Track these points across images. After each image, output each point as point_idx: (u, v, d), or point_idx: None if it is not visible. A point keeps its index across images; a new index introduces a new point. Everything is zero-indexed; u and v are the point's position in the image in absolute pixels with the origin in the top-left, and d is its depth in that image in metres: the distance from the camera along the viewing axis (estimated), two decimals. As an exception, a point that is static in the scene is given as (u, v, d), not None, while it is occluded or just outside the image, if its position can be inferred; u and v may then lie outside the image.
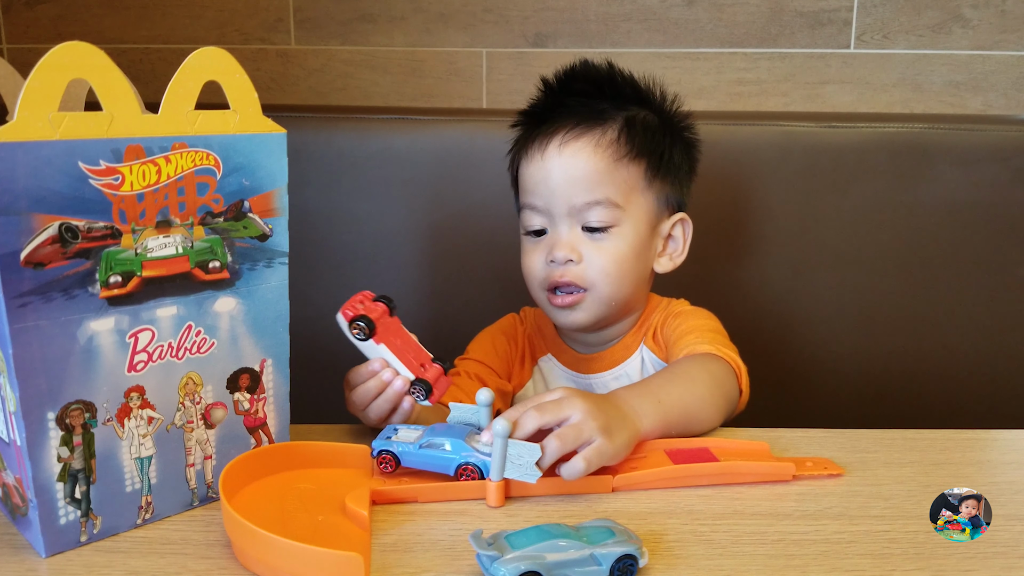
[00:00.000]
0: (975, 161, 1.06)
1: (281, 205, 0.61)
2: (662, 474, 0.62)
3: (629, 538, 0.51)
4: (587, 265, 0.80)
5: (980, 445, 0.71)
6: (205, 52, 0.55)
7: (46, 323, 0.51)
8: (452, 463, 0.61)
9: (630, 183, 0.81)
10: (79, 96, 0.59)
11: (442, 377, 0.70)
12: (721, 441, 0.68)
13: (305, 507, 0.58)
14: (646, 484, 0.62)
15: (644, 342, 0.87)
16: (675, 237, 0.86)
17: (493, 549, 0.50)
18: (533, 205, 0.83)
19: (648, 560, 0.52)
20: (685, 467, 0.63)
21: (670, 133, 0.85)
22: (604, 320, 0.85)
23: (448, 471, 0.61)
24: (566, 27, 1.26)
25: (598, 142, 0.81)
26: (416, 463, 0.61)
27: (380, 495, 0.60)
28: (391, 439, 0.62)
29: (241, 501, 0.57)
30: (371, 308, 0.69)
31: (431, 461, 0.61)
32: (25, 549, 0.55)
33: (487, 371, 0.89)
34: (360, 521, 0.56)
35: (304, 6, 1.29)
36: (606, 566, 0.50)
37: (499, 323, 0.95)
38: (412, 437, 0.62)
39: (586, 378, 0.88)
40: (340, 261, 1.12)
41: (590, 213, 0.80)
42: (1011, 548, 0.55)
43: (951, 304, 1.09)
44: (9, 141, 0.47)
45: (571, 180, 0.80)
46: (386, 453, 0.61)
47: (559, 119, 0.82)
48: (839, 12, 1.22)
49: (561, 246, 0.81)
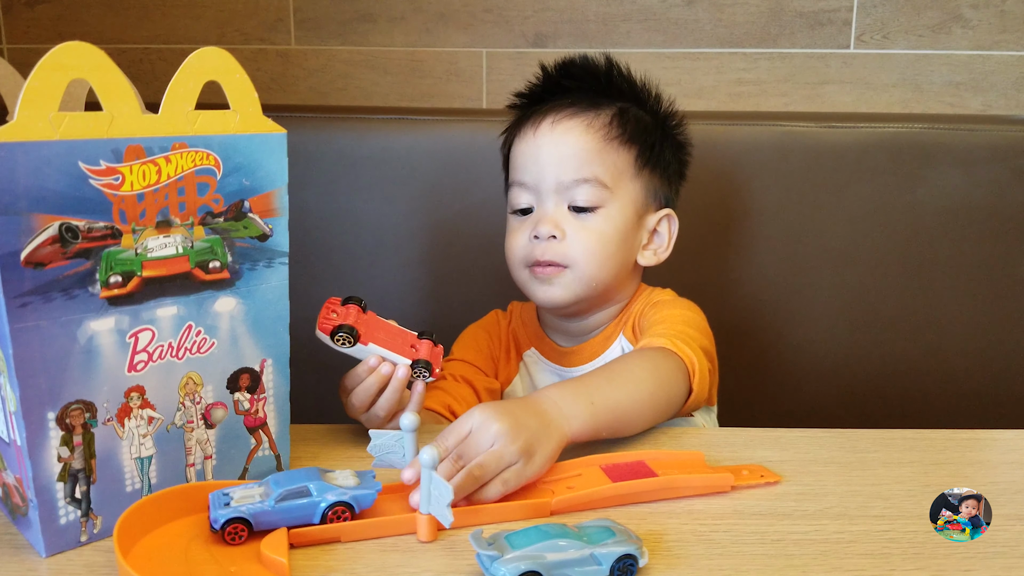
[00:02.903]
0: (975, 161, 1.06)
1: (281, 205, 0.61)
2: (601, 493, 0.60)
3: (629, 538, 0.51)
4: (570, 243, 0.80)
5: (980, 445, 0.71)
6: (205, 52, 0.55)
7: (46, 323, 0.51)
8: (318, 508, 0.55)
9: (619, 167, 0.82)
10: (79, 96, 0.59)
11: (433, 349, 0.71)
12: (655, 453, 0.65)
13: (213, 557, 0.52)
14: (585, 505, 0.60)
15: (623, 332, 0.86)
16: (660, 232, 0.86)
17: (493, 549, 0.50)
18: (521, 182, 0.83)
19: (648, 560, 0.52)
20: (624, 484, 0.61)
21: (661, 130, 0.86)
22: (583, 303, 0.84)
23: (313, 520, 0.55)
24: (566, 27, 1.26)
25: (590, 123, 0.81)
26: (274, 521, 0.54)
27: (299, 537, 0.54)
28: (230, 505, 0.54)
29: (139, 555, 0.52)
30: (345, 314, 0.69)
31: (293, 514, 0.54)
32: (25, 549, 0.55)
33: (472, 370, 0.89)
34: (279, 570, 0.51)
35: (304, 6, 1.29)
36: (606, 566, 0.50)
37: (481, 320, 0.95)
38: (256, 495, 0.55)
39: (568, 371, 0.88)
40: (340, 261, 1.12)
41: (577, 191, 0.80)
42: (1011, 548, 0.55)
43: (951, 304, 1.09)
44: (9, 141, 0.47)
45: (561, 157, 0.81)
46: (236, 522, 0.53)
47: (553, 100, 0.83)
48: (839, 12, 1.22)
49: (545, 222, 0.81)
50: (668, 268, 0.89)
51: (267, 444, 0.64)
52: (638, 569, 0.51)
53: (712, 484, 0.62)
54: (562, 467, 0.64)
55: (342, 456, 0.69)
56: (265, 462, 0.64)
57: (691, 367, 0.74)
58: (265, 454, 0.64)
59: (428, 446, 0.54)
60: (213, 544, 0.54)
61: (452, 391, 0.85)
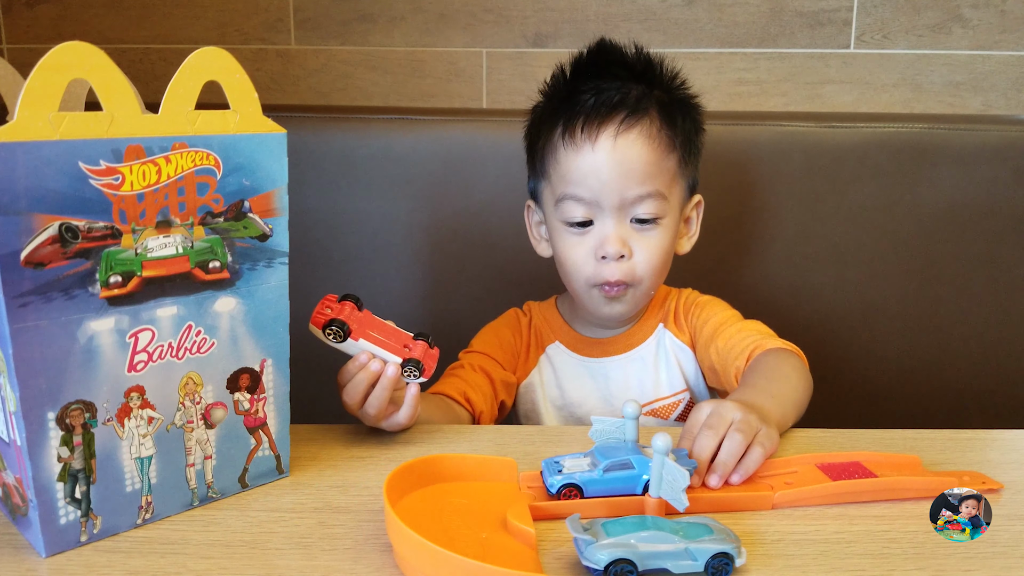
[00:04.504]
0: (975, 161, 1.06)
1: (281, 205, 0.61)
2: (822, 491, 0.60)
3: (727, 536, 0.51)
4: (636, 261, 0.81)
5: (980, 445, 0.71)
6: (205, 52, 0.55)
7: (46, 323, 0.51)
8: (639, 481, 0.58)
9: (671, 172, 0.82)
10: (79, 96, 0.59)
11: (428, 351, 0.70)
12: (869, 455, 0.66)
13: (465, 522, 0.56)
14: (805, 501, 0.60)
15: (664, 325, 0.88)
16: (691, 218, 0.88)
17: (589, 534, 0.51)
18: (578, 196, 0.81)
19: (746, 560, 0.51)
20: (844, 483, 0.61)
21: (690, 117, 0.85)
22: (639, 309, 0.87)
23: (636, 491, 0.58)
24: (566, 27, 1.26)
25: (649, 133, 0.80)
26: (602, 490, 0.58)
27: (539, 511, 0.58)
28: (563, 472, 0.59)
29: (402, 510, 0.56)
30: (338, 309, 0.69)
31: (618, 484, 0.58)
32: (25, 549, 0.55)
33: (492, 363, 0.89)
34: (526, 539, 0.53)
35: (304, 6, 1.29)
36: (701, 562, 0.50)
37: (502, 317, 0.95)
38: (585, 464, 0.60)
39: (598, 362, 0.89)
40: (340, 261, 1.12)
41: (641, 206, 0.80)
42: (1011, 548, 0.55)
43: (951, 304, 1.09)
44: (9, 141, 0.47)
45: (625, 173, 0.79)
46: (570, 486, 0.58)
47: (603, 107, 0.80)
48: (839, 12, 1.22)
49: (612, 241, 0.80)
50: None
51: (267, 444, 0.64)
52: (734, 569, 0.51)
53: (934, 488, 0.59)
54: (777, 463, 0.64)
55: (342, 456, 0.69)
56: (265, 462, 0.64)
57: (804, 360, 0.77)
58: (265, 454, 0.64)
59: (661, 432, 0.55)
60: (463, 509, 0.58)
61: (469, 379, 0.86)
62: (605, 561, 0.49)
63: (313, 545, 0.55)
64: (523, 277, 1.00)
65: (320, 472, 0.66)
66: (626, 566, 0.49)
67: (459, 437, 0.73)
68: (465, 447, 0.71)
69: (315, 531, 0.57)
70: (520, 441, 0.71)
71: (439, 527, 0.55)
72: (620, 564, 0.49)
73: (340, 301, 0.70)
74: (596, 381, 0.89)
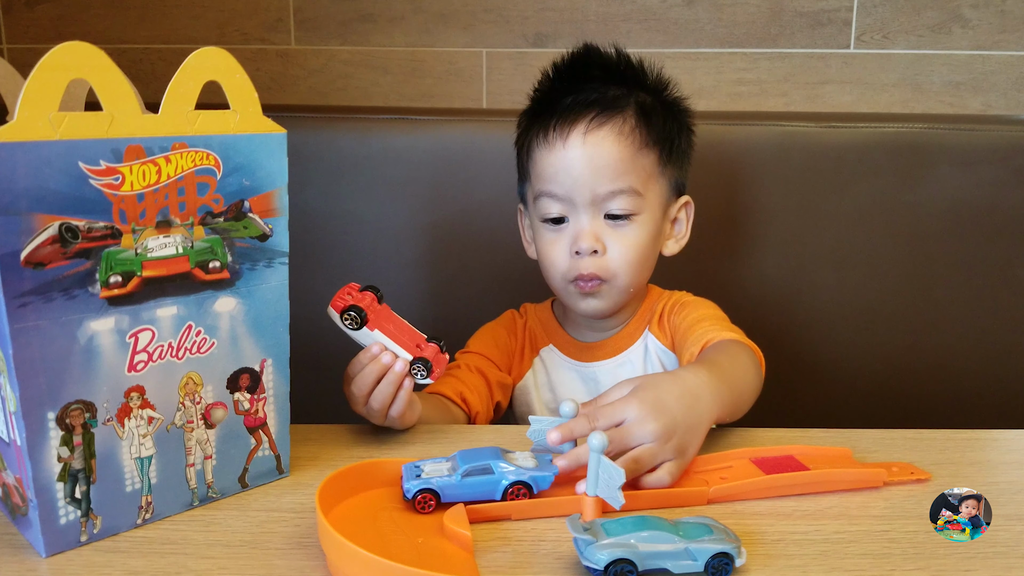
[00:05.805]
0: (975, 161, 1.05)
1: (281, 205, 0.61)
2: (756, 485, 0.61)
3: (727, 536, 0.51)
4: (610, 256, 0.81)
5: (980, 445, 0.71)
6: (205, 52, 0.55)
7: (46, 323, 0.51)
8: (499, 486, 0.59)
9: (648, 170, 0.82)
10: (79, 96, 0.59)
11: (439, 354, 0.71)
12: (803, 448, 0.67)
13: (400, 528, 0.56)
14: (740, 495, 0.62)
15: (649, 329, 0.88)
16: (680, 220, 0.88)
17: (589, 534, 0.51)
18: (552, 193, 0.82)
19: (746, 560, 0.51)
20: (777, 477, 0.62)
21: (675, 119, 0.86)
22: (619, 306, 0.86)
23: (495, 496, 0.59)
24: (566, 27, 1.26)
25: (620, 130, 0.80)
26: (459, 495, 0.58)
27: (477, 513, 0.58)
28: (421, 476, 0.59)
29: (336, 518, 0.55)
30: (359, 298, 0.70)
31: (477, 489, 0.58)
32: (25, 549, 0.55)
33: (488, 364, 0.90)
34: (462, 542, 0.54)
35: (304, 6, 1.29)
36: (701, 562, 0.50)
37: (499, 319, 0.95)
38: (444, 469, 0.59)
39: (589, 366, 0.89)
40: (340, 261, 1.12)
41: (613, 202, 0.80)
42: (1011, 548, 0.55)
43: (951, 304, 1.09)
44: (9, 141, 0.47)
45: (596, 169, 0.80)
46: (425, 492, 0.58)
47: (577, 106, 0.81)
48: (839, 12, 1.22)
49: (585, 236, 0.80)
50: (667, 267, 0.89)
51: (267, 444, 0.64)
52: (734, 569, 0.51)
53: (864, 479, 0.62)
54: (712, 459, 0.65)
55: (342, 456, 0.69)
56: (265, 462, 0.64)
57: (760, 356, 0.77)
58: (265, 454, 0.64)
59: (596, 431, 0.55)
60: (400, 515, 0.58)
61: (466, 380, 0.86)
62: (605, 561, 0.49)
63: (313, 545, 0.55)
64: (523, 277, 1.00)
65: (320, 472, 0.66)
66: (626, 566, 0.49)
67: (459, 437, 0.73)
68: (465, 447, 0.71)
69: (315, 531, 0.57)
70: (520, 441, 0.71)
71: (374, 533, 0.55)
72: (620, 564, 0.49)
73: (362, 291, 0.71)
74: (587, 385, 0.89)
